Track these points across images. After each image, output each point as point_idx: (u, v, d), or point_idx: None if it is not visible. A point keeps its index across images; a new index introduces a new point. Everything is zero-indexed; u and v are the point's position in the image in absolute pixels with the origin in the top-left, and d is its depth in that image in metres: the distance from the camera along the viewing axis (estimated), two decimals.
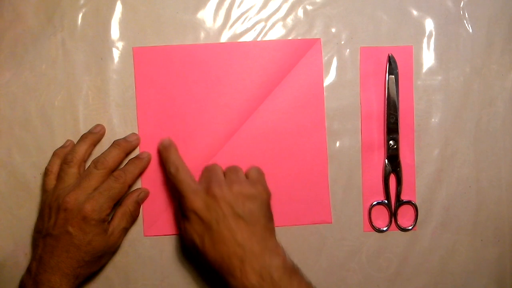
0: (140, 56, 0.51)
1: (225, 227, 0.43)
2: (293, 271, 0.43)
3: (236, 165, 0.49)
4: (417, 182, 0.52)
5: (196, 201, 0.44)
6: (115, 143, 0.49)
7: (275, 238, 0.45)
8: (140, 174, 0.50)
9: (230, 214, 0.43)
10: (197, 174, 0.50)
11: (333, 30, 0.52)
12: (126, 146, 0.49)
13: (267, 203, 0.46)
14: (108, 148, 0.49)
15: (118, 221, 0.48)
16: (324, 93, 0.52)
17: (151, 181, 0.51)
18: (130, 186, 0.49)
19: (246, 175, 0.48)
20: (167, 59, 0.51)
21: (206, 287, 0.51)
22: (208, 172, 0.47)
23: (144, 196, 0.50)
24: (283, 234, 0.51)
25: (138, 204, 0.50)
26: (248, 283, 0.41)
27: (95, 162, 0.47)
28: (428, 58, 0.52)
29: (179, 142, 0.50)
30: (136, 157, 0.50)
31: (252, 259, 0.42)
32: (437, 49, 0.52)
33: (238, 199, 0.44)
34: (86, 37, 0.51)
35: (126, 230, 0.49)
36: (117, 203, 0.48)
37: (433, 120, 0.52)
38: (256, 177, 0.48)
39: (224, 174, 0.47)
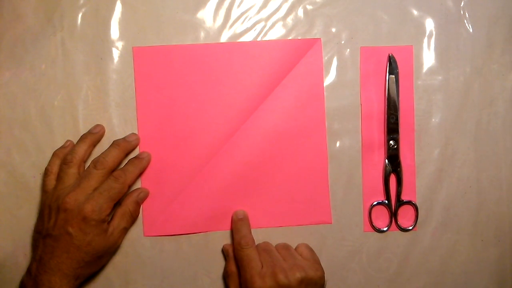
0: (140, 56, 0.51)
1: None
2: None
3: (286, 243, 0.50)
4: (418, 182, 0.52)
5: (261, 285, 0.44)
6: (115, 143, 0.49)
7: None
8: (140, 174, 0.50)
9: None
10: (197, 174, 0.51)
11: (333, 30, 0.52)
12: (126, 146, 0.49)
13: (324, 283, 0.47)
14: (108, 148, 0.49)
15: (118, 221, 0.48)
16: (324, 93, 0.51)
17: (151, 182, 0.51)
18: (130, 186, 0.49)
19: (299, 253, 0.49)
20: (167, 59, 0.51)
21: (205, 287, 0.51)
22: (268, 254, 0.48)
23: (143, 196, 0.50)
24: (283, 235, 0.51)
25: (138, 204, 0.50)
26: None
27: (95, 162, 0.47)
28: (428, 58, 0.52)
29: (179, 142, 0.50)
30: (136, 157, 0.50)
31: None
32: (437, 49, 0.52)
33: (301, 286, 0.45)
34: (85, 37, 0.51)
35: (126, 230, 0.49)
36: (117, 203, 0.48)
37: (433, 120, 0.52)
38: (311, 256, 0.49)
39: (277, 250, 0.49)
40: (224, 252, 0.51)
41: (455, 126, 0.52)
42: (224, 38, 0.51)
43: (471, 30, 0.52)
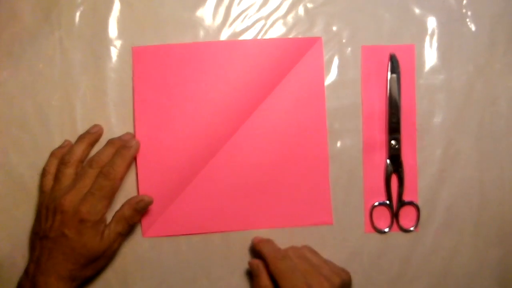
0: (139, 56, 0.50)
1: None
2: None
3: (309, 246, 0.49)
4: (419, 183, 0.51)
5: None
6: (110, 142, 0.49)
7: None
8: (130, 163, 0.48)
9: None
10: (196, 175, 0.50)
11: (334, 28, 0.51)
12: (121, 144, 0.48)
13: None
14: (103, 147, 0.49)
15: (114, 225, 0.47)
16: (325, 92, 0.51)
17: (149, 182, 0.50)
18: (122, 179, 0.47)
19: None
20: (166, 58, 0.50)
21: None
22: (306, 262, 0.46)
23: (144, 205, 0.48)
24: (283, 236, 0.51)
25: (136, 211, 0.47)
26: None
27: (90, 161, 0.47)
28: (430, 57, 0.52)
29: (178, 141, 0.50)
30: (123, 147, 0.48)
31: None
32: (439, 48, 0.52)
33: None
34: (83, 35, 0.51)
35: (121, 235, 0.47)
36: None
37: (435, 119, 0.52)
38: (323, 259, 0.48)
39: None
40: (253, 267, 0.47)
41: (457, 125, 0.52)
42: (223, 36, 0.51)
43: (473, 29, 0.52)
